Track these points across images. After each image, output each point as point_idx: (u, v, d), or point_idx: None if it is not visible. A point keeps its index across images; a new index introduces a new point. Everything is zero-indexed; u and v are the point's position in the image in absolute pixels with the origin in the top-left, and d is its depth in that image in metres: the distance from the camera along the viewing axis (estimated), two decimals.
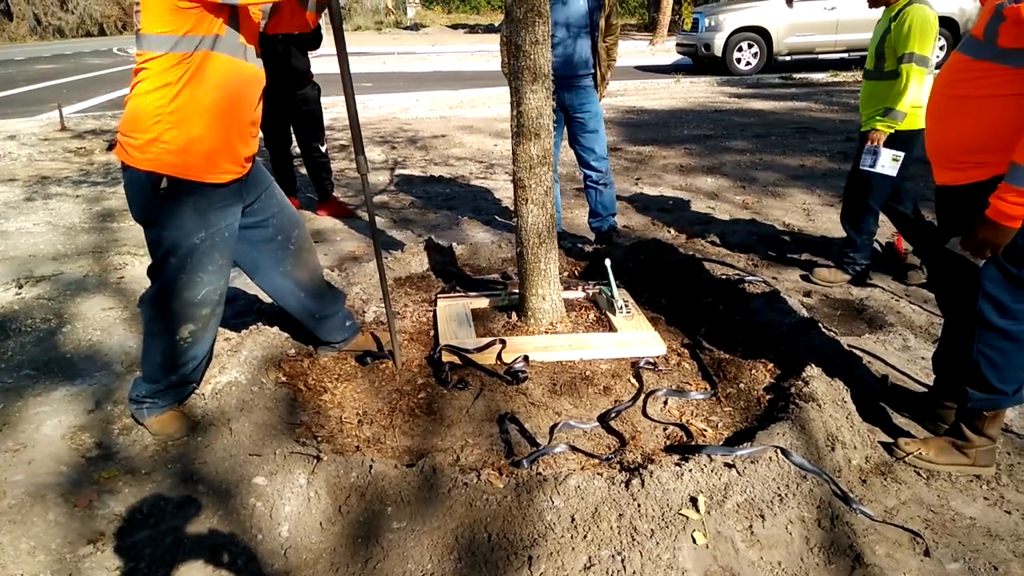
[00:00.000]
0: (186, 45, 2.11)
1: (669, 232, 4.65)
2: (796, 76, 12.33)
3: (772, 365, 2.84)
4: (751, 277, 3.60)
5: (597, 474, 2.07)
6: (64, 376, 2.93)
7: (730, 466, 2.06)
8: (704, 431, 2.50)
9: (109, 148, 7.59)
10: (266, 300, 3.20)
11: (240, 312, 3.46)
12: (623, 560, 1.83)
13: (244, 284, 3.52)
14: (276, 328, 3.03)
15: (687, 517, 1.93)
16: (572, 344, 3.02)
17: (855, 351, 2.91)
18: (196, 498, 2.14)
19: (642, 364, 2.88)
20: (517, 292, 3.33)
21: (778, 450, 2.12)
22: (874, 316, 3.40)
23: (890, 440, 2.40)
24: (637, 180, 6.13)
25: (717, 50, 12.96)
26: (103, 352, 3.14)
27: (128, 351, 3.12)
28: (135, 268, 4.14)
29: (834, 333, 3.00)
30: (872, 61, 3.48)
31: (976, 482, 2.25)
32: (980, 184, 2.02)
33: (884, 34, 3.37)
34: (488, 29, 26.00)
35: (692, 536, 1.90)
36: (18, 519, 2.10)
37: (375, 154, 7.33)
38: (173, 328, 2.38)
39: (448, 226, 4.99)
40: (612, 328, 3.16)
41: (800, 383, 2.49)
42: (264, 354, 2.84)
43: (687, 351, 3.05)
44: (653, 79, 13.00)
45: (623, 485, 2.00)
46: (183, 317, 2.38)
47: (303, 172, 5.47)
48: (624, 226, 4.79)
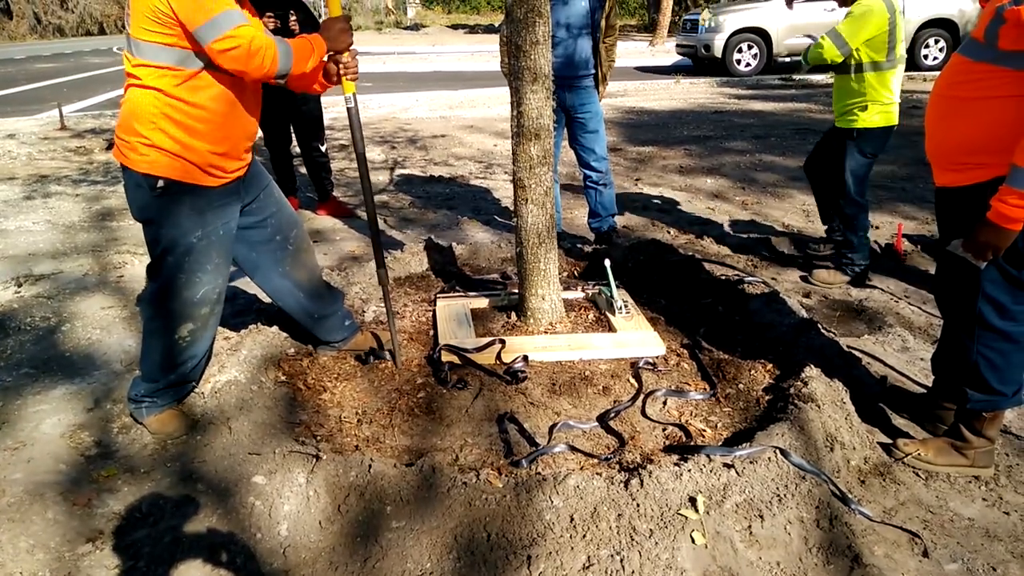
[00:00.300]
0: (174, 57, 2.10)
1: (669, 232, 4.65)
2: (796, 77, 12.32)
3: (771, 366, 2.84)
4: (750, 278, 3.60)
5: (596, 474, 2.07)
6: (63, 375, 2.93)
7: (729, 466, 2.06)
8: (703, 431, 2.50)
9: (108, 147, 7.59)
10: (265, 299, 3.20)
11: (239, 311, 3.46)
12: (622, 560, 1.83)
13: (243, 283, 3.52)
14: (275, 327, 3.03)
15: (686, 517, 1.93)
16: (571, 344, 3.02)
17: (854, 352, 2.91)
18: (195, 497, 2.14)
19: (641, 364, 2.89)
20: (517, 292, 3.33)
21: (777, 450, 2.12)
22: (873, 317, 3.41)
23: (889, 441, 2.41)
24: (637, 181, 6.13)
25: (717, 51, 12.97)
26: (102, 351, 3.13)
27: (127, 350, 3.12)
28: (134, 267, 4.14)
29: (833, 334, 3.00)
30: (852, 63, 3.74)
31: (975, 483, 2.25)
32: (981, 185, 2.02)
33: None
34: (488, 29, 26.01)
35: (691, 536, 1.90)
36: (17, 517, 2.10)
37: (375, 154, 7.33)
38: (172, 327, 2.39)
39: (448, 226, 4.99)
40: (611, 328, 3.17)
41: (799, 384, 2.49)
42: (263, 353, 2.84)
43: (686, 351, 3.06)
44: (653, 80, 13.00)
45: (622, 485, 2.00)
46: (182, 316, 2.38)
47: (303, 172, 5.47)
48: (624, 226, 4.79)
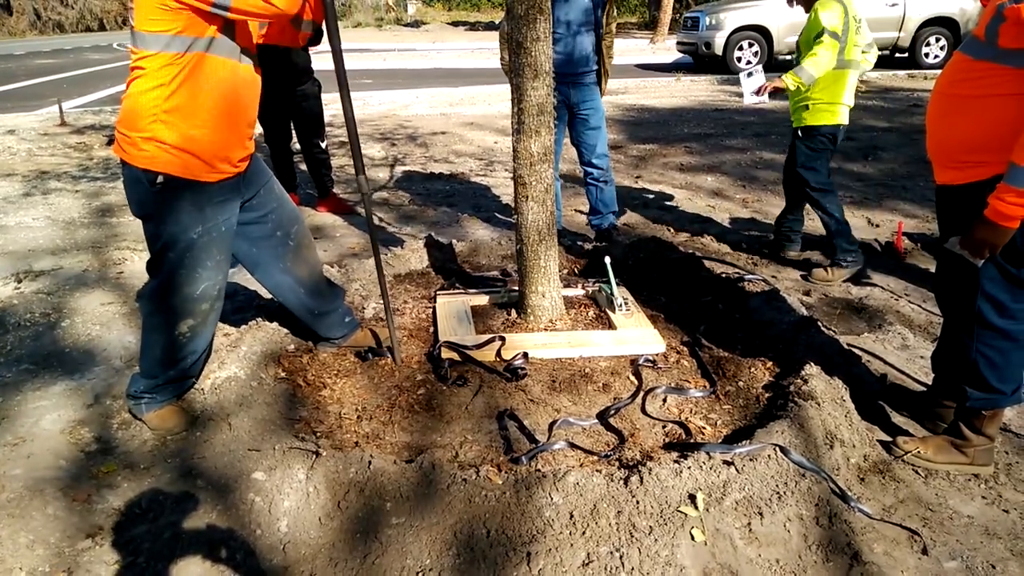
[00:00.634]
0: (179, 45, 2.10)
1: (669, 230, 4.64)
2: None
3: (771, 363, 2.84)
4: (751, 275, 3.60)
5: (596, 471, 2.07)
6: (63, 371, 2.93)
7: (729, 464, 2.07)
8: (703, 429, 2.50)
9: (109, 143, 7.58)
10: (265, 295, 3.20)
11: (239, 307, 3.46)
12: (621, 557, 1.83)
13: (244, 279, 3.52)
14: (275, 324, 3.03)
15: (686, 514, 1.93)
16: (571, 341, 3.02)
17: (854, 350, 2.91)
18: (195, 493, 2.14)
19: (641, 361, 2.89)
20: (517, 289, 3.33)
21: (777, 448, 2.12)
22: (873, 315, 3.41)
23: (889, 439, 2.41)
24: (638, 178, 6.12)
25: (718, 49, 12.94)
26: (102, 347, 3.13)
27: (127, 346, 3.12)
28: (134, 263, 4.14)
29: (833, 332, 3.00)
30: (797, 57, 3.78)
31: (974, 481, 2.26)
32: (980, 183, 2.02)
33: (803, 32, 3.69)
34: (488, 26, 25.98)
35: (691, 533, 1.90)
36: (17, 513, 2.10)
37: (375, 151, 7.32)
38: (172, 323, 2.38)
39: (448, 223, 4.99)
40: (611, 326, 3.17)
41: (799, 381, 2.49)
42: (263, 349, 2.84)
43: (686, 349, 3.05)
44: (654, 77, 12.99)
45: (622, 482, 2.00)
46: (182, 312, 2.38)
47: (303, 168, 5.47)
48: (624, 224, 4.79)
